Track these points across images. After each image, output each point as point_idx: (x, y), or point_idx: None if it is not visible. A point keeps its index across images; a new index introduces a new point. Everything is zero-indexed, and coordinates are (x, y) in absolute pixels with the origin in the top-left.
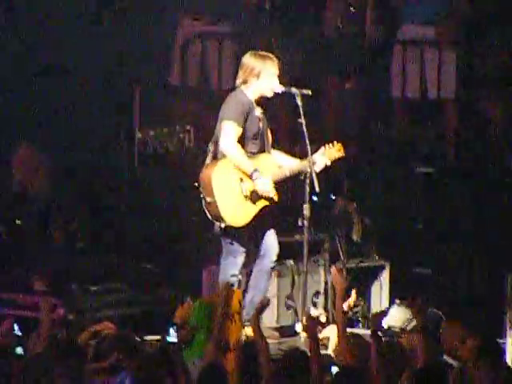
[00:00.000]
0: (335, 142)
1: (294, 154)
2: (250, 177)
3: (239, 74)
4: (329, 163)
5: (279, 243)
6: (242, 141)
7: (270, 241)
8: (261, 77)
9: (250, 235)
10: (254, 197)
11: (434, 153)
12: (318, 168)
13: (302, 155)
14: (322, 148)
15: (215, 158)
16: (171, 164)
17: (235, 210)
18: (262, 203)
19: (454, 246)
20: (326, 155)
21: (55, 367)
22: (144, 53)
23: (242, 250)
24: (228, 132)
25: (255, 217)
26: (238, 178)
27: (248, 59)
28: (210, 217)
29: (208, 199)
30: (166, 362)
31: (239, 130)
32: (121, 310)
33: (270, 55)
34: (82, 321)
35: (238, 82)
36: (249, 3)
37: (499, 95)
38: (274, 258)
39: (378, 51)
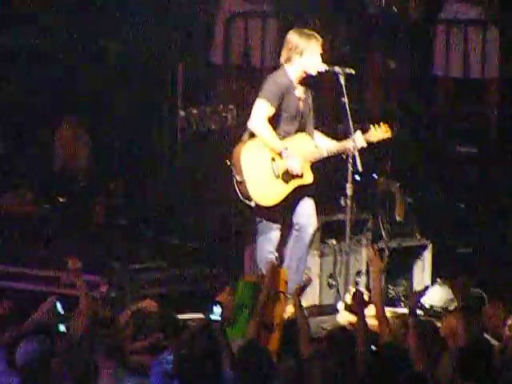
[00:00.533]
0: (382, 123)
1: (336, 134)
2: (280, 155)
3: (283, 51)
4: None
5: (322, 223)
6: (276, 121)
7: (309, 213)
8: (304, 55)
9: (283, 214)
10: (287, 176)
11: (477, 132)
12: (360, 146)
13: (345, 134)
14: (371, 128)
15: (252, 136)
16: (213, 143)
17: (265, 190)
18: (295, 183)
19: (496, 225)
20: (372, 135)
21: (96, 345)
22: (187, 31)
23: (275, 226)
24: (258, 110)
25: (288, 197)
26: (270, 158)
27: (292, 36)
28: (240, 195)
29: (238, 178)
30: (209, 341)
31: (271, 110)
32: (163, 288)
33: (315, 34)
34: (123, 299)
35: (282, 59)
36: None
37: None
38: (312, 231)
39: (421, 29)
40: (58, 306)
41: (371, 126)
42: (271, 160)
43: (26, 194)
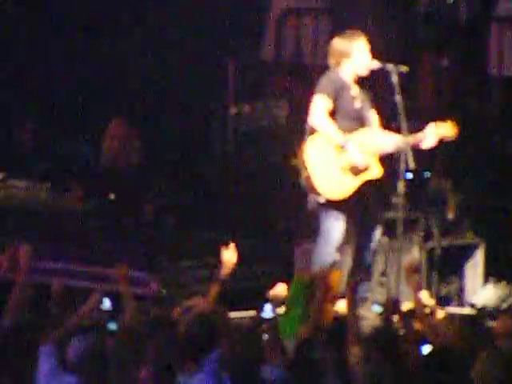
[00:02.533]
0: (448, 121)
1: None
2: (341, 147)
3: (330, 57)
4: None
5: None
6: (334, 118)
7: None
8: (352, 56)
9: (351, 211)
10: (355, 170)
11: None
12: (426, 145)
13: (398, 133)
14: (431, 126)
15: (312, 132)
16: (265, 139)
17: (332, 184)
18: (364, 176)
19: None
20: (435, 133)
21: (147, 343)
22: (239, 26)
23: (339, 226)
24: (317, 104)
25: (357, 191)
26: (335, 151)
27: (335, 42)
28: (308, 191)
29: (305, 173)
30: (260, 339)
31: (329, 103)
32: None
33: (357, 32)
34: (174, 296)
35: (331, 65)
36: None
37: None
38: (377, 236)
39: (474, 26)
40: (106, 302)
41: (435, 124)
42: (337, 153)
43: (77, 192)
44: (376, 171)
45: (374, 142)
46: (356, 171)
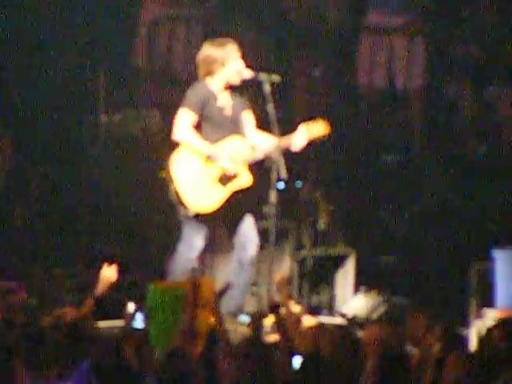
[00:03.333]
0: (319, 119)
1: None
2: (208, 158)
3: (200, 66)
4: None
5: None
6: (202, 130)
7: (248, 232)
8: (224, 63)
9: (218, 221)
10: (223, 179)
11: (401, 141)
12: (296, 147)
13: None
14: (302, 127)
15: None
16: (136, 148)
17: (200, 196)
18: (233, 186)
19: (421, 234)
20: (306, 133)
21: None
22: (108, 35)
23: (202, 233)
24: (180, 119)
25: (227, 201)
26: (202, 163)
27: (207, 49)
28: (175, 203)
29: (172, 186)
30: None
31: (193, 117)
32: (82, 294)
33: (229, 39)
34: (43, 305)
35: (201, 74)
36: None
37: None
38: (254, 251)
39: (346, 37)
40: None
41: (306, 124)
42: (203, 165)
43: None
44: (246, 179)
45: (242, 150)
46: (225, 181)
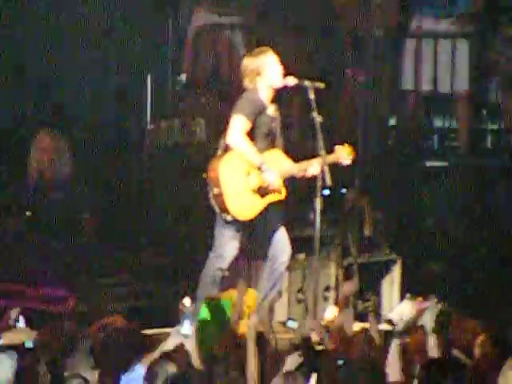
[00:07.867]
0: (345, 144)
1: (305, 149)
2: (259, 168)
3: (244, 79)
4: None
5: (290, 238)
6: (251, 138)
7: (281, 242)
8: (262, 72)
9: (251, 231)
10: (262, 191)
11: (447, 146)
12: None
13: (314, 150)
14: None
15: (226, 150)
16: (181, 156)
17: (241, 203)
18: (269, 198)
19: (463, 242)
20: (330, 158)
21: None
22: (156, 43)
23: (235, 242)
24: (235, 125)
25: (261, 212)
26: (246, 171)
27: (245, 62)
28: (216, 209)
29: (215, 191)
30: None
31: (248, 124)
32: (130, 302)
33: (265, 48)
34: (91, 313)
35: (247, 86)
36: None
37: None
38: (286, 259)
39: (390, 43)
40: (21, 319)
41: (336, 146)
42: (247, 173)
43: None
44: (282, 193)
45: (283, 163)
46: (263, 192)
